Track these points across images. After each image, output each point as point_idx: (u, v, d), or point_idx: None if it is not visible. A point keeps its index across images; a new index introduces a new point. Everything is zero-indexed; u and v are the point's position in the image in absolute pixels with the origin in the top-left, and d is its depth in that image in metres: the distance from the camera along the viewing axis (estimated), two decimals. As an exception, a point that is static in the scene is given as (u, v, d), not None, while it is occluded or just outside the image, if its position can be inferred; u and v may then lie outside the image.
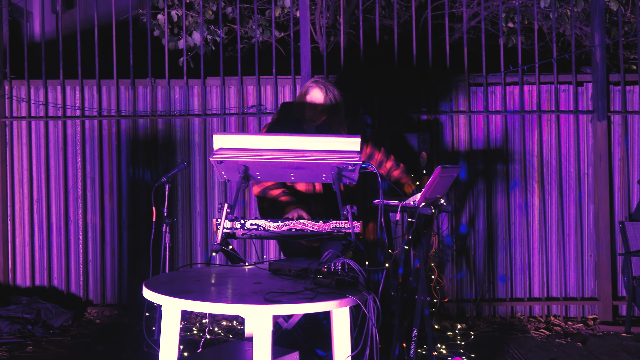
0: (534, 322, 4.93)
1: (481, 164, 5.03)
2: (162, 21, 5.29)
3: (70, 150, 5.10)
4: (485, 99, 4.99)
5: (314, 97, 3.58)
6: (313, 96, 3.58)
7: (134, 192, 5.08)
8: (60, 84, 5.08)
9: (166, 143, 5.07)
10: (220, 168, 3.01)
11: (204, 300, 2.41)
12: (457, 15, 5.77)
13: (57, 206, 5.10)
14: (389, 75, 5.02)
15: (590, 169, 5.03)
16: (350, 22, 5.90)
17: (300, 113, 3.61)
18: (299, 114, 3.61)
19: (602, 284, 4.95)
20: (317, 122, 3.60)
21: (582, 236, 5.05)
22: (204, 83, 5.03)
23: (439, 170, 3.27)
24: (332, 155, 2.94)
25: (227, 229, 2.99)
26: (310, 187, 3.57)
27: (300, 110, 3.61)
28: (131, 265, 5.07)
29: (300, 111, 3.61)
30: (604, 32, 4.91)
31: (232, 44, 5.78)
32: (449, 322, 4.81)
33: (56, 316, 4.75)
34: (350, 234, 2.97)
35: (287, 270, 2.85)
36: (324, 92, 3.57)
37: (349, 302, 2.49)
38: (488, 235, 5.03)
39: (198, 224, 5.08)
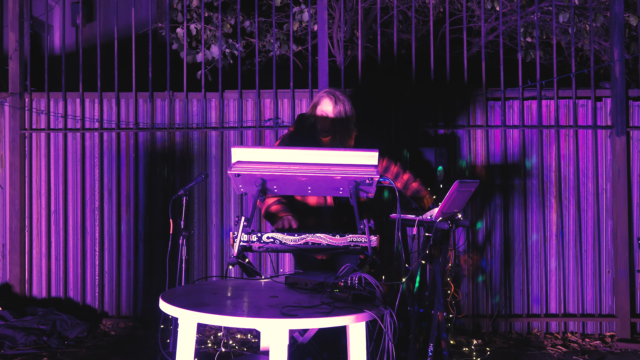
0: (551, 338, 4.88)
1: (498, 178, 5.00)
2: (181, 35, 5.33)
3: (88, 162, 5.14)
4: (503, 113, 4.97)
5: (324, 108, 3.56)
6: (323, 106, 3.56)
7: (150, 205, 5.10)
8: (79, 97, 5.13)
9: (183, 156, 5.09)
10: (237, 181, 3.02)
11: (220, 314, 2.40)
12: (475, 29, 5.77)
13: (74, 217, 5.13)
14: (406, 89, 5.01)
15: (608, 185, 4.99)
16: (368, 36, 5.92)
17: (312, 124, 3.61)
18: (311, 124, 3.61)
19: (620, 301, 4.89)
20: (328, 133, 3.57)
21: (600, 252, 4.99)
22: (221, 96, 5.06)
23: (457, 185, 3.25)
24: (349, 169, 2.94)
25: (244, 242, 2.98)
26: (321, 200, 3.56)
27: (311, 121, 3.61)
28: (147, 277, 5.09)
29: (311, 122, 3.61)
30: (623, 47, 4.88)
31: (249, 57, 5.83)
32: (464, 338, 4.77)
33: (71, 327, 4.77)
34: (367, 248, 2.96)
35: (304, 284, 2.84)
36: (333, 102, 3.54)
37: (366, 316, 2.48)
38: (505, 250, 4.99)
39: (214, 236, 5.09)
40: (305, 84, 5.09)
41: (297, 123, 3.71)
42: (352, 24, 5.90)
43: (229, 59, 5.60)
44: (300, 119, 3.71)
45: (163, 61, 5.27)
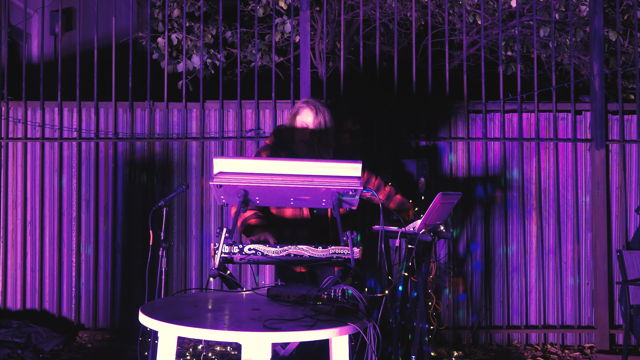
0: (531, 350, 4.89)
1: (479, 190, 5.02)
2: (162, 44, 5.29)
3: (66, 172, 5.06)
4: (484, 125, 4.99)
5: (304, 119, 3.47)
6: (303, 117, 3.47)
7: (129, 216, 5.03)
8: (57, 106, 5.06)
9: (163, 166, 5.04)
10: (219, 192, 2.98)
11: (202, 327, 2.36)
12: (456, 42, 5.81)
13: (51, 228, 5.05)
14: (388, 101, 5.02)
15: (588, 197, 5.03)
16: (349, 48, 5.92)
17: (290, 134, 3.52)
18: (289, 135, 3.53)
19: (599, 313, 4.91)
20: (307, 144, 3.49)
21: (580, 264, 5.03)
22: (202, 106, 5.02)
23: (440, 197, 3.25)
24: (332, 180, 2.91)
25: (225, 254, 2.94)
26: (297, 212, 3.50)
27: (290, 132, 3.52)
28: (124, 289, 5.01)
29: (290, 132, 3.52)
30: (603, 61, 4.94)
31: (230, 67, 5.80)
32: (445, 350, 4.76)
33: (47, 340, 4.68)
34: (350, 260, 2.93)
35: (286, 297, 2.81)
36: (314, 113, 3.46)
37: (350, 329, 2.45)
38: (485, 262, 5.00)
39: (193, 247, 5.03)
40: (287, 95, 5.08)
41: (275, 134, 3.65)
42: (334, 36, 5.91)
43: (210, 69, 5.56)
44: (278, 131, 3.65)
45: (143, 71, 5.22)
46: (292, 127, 3.52)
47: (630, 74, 5.36)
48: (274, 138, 3.63)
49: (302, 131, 3.49)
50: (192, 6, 5.78)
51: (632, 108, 5.07)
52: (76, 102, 5.04)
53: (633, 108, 5.07)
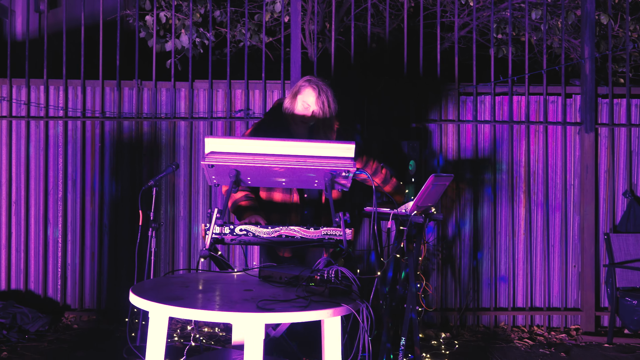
0: (518, 331, 4.92)
1: (469, 173, 5.02)
2: (150, 23, 5.20)
3: (52, 151, 4.99)
4: (475, 108, 4.98)
5: (306, 97, 3.37)
6: (305, 96, 3.37)
7: (116, 196, 4.98)
8: (43, 84, 4.97)
9: (151, 146, 4.98)
10: (210, 172, 2.95)
11: (194, 307, 2.34)
12: (447, 24, 5.77)
13: (37, 208, 4.98)
14: (379, 83, 4.99)
15: (576, 180, 5.05)
16: (339, 29, 5.87)
17: (290, 113, 3.43)
18: (289, 114, 3.44)
19: (586, 295, 4.95)
20: (307, 124, 3.43)
21: (567, 247, 5.06)
22: (191, 86, 4.96)
23: (432, 179, 3.24)
24: (326, 161, 2.89)
25: (216, 234, 2.92)
26: (287, 197, 3.46)
27: (290, 110, 3.43)
28: (111, 269, 4.97)
29: (290, 111, 3.43)
30: (594, 45, 4.94)
31: (219, 47, 5.73)
32: (433, 331, 4.78)
33: (32, 321, 4.64)
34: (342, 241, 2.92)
35: (278, 278, 2.79)
36: (316, 93, 3.36)
37: (344, 310, 2.44)
38: (474, 244, 5.01)
39: (181, 228, 5.00)
40: (277, 75, 5.02)
41: (272, 112, 3.59)
42: (324, 16, 5.85)
43: (200, 48, 5.49)
44: (276, 108, 3.60)
45: (131, 49, 5.14)
46: (292, 106, 3.42)
47: (620, 58, 5.37)
48: (270, 115, 3.57)
49: (303, 111, 3.40)
50: (181, -16, 5.69)
51: (622, 92, 5.08)
52: (62, 80, 4.96)
53: (622, 92, 5.08)
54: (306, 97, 3.37)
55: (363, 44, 5.32)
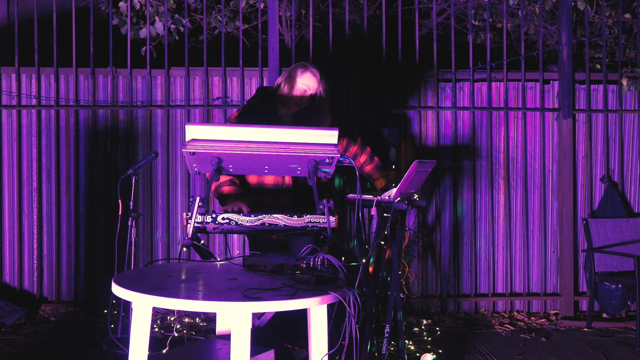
0: (498, 317, 4.95)
1: (448, 159, 5.02)
2: (124, 9, 5.10)
3: (25, 141, 4.88)
4: (454, 94, 4.98)
5: (306, 82, 3.45)
6: (305, 80, 3.45)
7: (92, 186, 4.89)
8: (15, 72, 4.85)
9: (127, 135, 4.89)
10: (192, 160, 2.90)
11: (179, 297, 2.30)
12: (424, 10, 5.75)
13: (10, 199, 4.87)
14: (358, 69, 4.95)
15: (554, 166, 5.08)
16: (315, 15, 5.81)
17: (287, 95, 3.45)
18: (285, 96, 3.45)
19: (565, 280, 5.00)
20: (300, 107, 3.48)
21: (546, 232, 5.09)
22: (167, 73, 4.88)
23: (416, 165, 3.22)
24: (308, 147, 2.85)
25: (198, 223, 2.87)
26: (279, 180, 3.47)
27: (287, 93, 3.45)
28: (88, 261, 4.89)
29: (287, 93, 3.45)
30: (571, 31, 4.95)
31: (194, 34, 5.63)
32: (414, 318, 4.79)
33: (8, 314, 4.55)
34: (326, 228, 2.90)
35: (263, 266, 2.76)
36: (317, 79, 3.46)
37: (331, 298, 2.42)
38: (454, 231, 5.03)
39: (160, 218, 4.93)
40: (254, 62, 4.97)
41: (257, 96, 3.57)
42: (300, 3, 5.79)
43: (175, 35, 5.40)
44: (262, 92, 3.58)
45: (104, 36, 5.03)
46: (291, 89, 3.45)
47: (597, 44, 5.40)
48: (258, 99, 3.54)
49: (302, 93, 3.46)
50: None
51: (599, 78, 5.12)
52: (35, 68, 4.84)
53: (599, 78, 5.11)
54: (307, 80, 3.46)
55: (340, 31, 5.27)
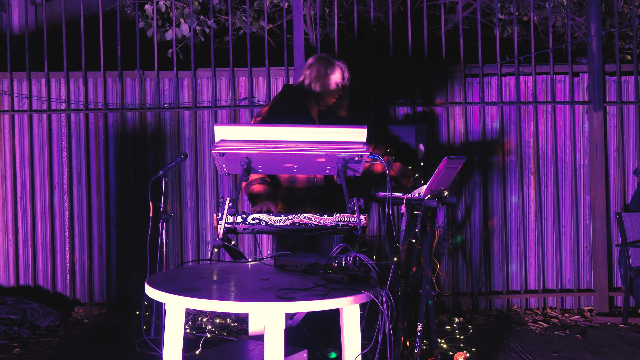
0: (531, 314, 4.89)
1: (477, 155, 4.98)
2: (150, 12, 5.14)
3: (56, 144, 4.94)
4: (481, 89, 4.93)
5: (337, 77, 3.52)
6: (336, 76, 3.51)
7: (122, 188, 4.93)
8: (44, 77, 4.91)
9: (155, 137, 4.93)
10: (221, 161, 2.91)
11: (212, 298, 2.32)
12: (449, 5, 5.71)
13: (42, 203, 4.94)
14: (383, 67, 4.93)
15: (586, 160, 5.00)
16: (339, 13, 5.80)
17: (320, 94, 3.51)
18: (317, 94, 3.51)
19: (599, 275, 4.92)
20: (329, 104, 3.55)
21: (578, 227, 5.02)
22: (194, 75, 4.90)
23: (446, 162, 3.19)
24: (338, 146, 2.85)
25: (229, 224, 2.88)
26: (311, 177, 3.47)
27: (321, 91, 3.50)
28: (119, 262, 4.93)
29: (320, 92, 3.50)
30: (600, 22, 4.87)
31: (219, 35, 5.65)
32: (446, 316, 4.75)
33: (43, 316, 4.60)
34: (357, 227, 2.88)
35: (294, 266, 2.76)
36: (347, 74, 3.54)
37: (364, 297, 2.42)
38: (484, 228, 4.97)
39: (189, 219, 4.95)
40: (280, 62, 4.97)
41: (286, 94, 3.58)
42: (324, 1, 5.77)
43: (200, 36, 5.43)
44: (290, 89, 3.60)
45: (131, 39, 5.07)
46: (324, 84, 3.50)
47: (627, 35, 5.31)
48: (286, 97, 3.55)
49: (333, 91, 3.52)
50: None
51: (630, 69, 5.03)
52: (64, 72, 4.89)
53: (630, 69, 5.02)
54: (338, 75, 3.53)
55: (365, 28, 5.25)
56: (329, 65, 3.51)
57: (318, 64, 3.53)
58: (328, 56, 3.57)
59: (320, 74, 3.49)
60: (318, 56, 3.58)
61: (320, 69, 3.50)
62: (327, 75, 3.49)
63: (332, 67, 3.50)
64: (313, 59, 3.56)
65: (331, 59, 3.54)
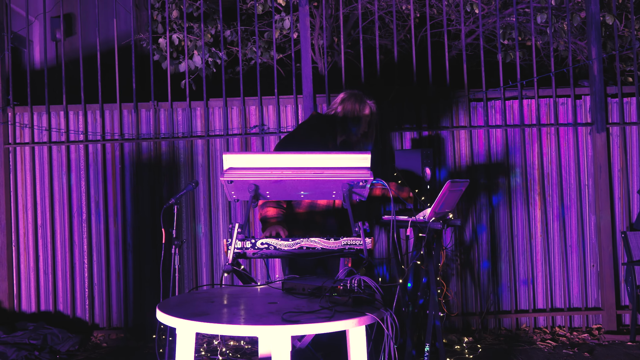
0: (540, 333, 4.95)
1: (483, 178, 5.08)
2: (163, 45, 5.33)
3: (74, 174, 5.12)
4: (486, 113, 5.05)
5: (367, 114, 3.74)
6: (366, 114, 3.73)
7: (138, 215, 5.09)
8: (63, 109, 5.11)
9: (170, 165, 5.09)
10: (230, 188, 3.02)
11: (220, 322, 2.38)
12: (453, 32, 5.85)
13: (62, 231, 5.11)
14: (389, 93, 5.07)
15: (590, 180, 5.09)
16: (347, 42, 5.96)
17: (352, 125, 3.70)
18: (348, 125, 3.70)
19: (606, 294, 4.98)
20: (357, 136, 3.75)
21: (584, 246, 5.09)
22: (206, 105, 5.07)
23: (449, 185, 3.30)
24: (342, 172, 2.95)
25: (238, 249, 2.98)
26: (330, 202, 3.61)
27: (352, 123, 3.71)
28: (137, 287, 5.07)
29: (352, 123, 3.71)
30: (601, 45, 4.99)
31: (231, 66, 5.84)
32: (455, 336, 4.82)
33: (63, 341, 4.74)
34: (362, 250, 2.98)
35: (301, 289, 2.83)
36: (374, 107, 3.76)
37: (368, 319, 2.47)
38: (491, 248, 5.06)
39: (203, 245, 5.09)
40: (289, 90, 5.13)
41: (315, 122, 3.78)
42: (332, 31, 5.95)
43: (212, 67, 5.61)
44: (320, 119, 3.80)
45: (145, 72, 5.26)
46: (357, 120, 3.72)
47: (628, 57, 5.41)
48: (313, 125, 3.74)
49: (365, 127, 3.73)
50: (191, 7, 5.82)
51: (631, 90, 5.12)
52: (81, 105, 5.09)
53: (632, 90, 5.12)
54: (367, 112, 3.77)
55: (372, 56, 5.41)
56: (362, 103, 3.73)
57: (353, 100, 3.75)
58: (361, 94, 3.79)
59: (355, 109, 3.71)
60: (351, 92, 3.80)
61: (355, 105, 3.72)
62: (359, 111, 3.71)
63: (363, 105, 3.73)
64: (347, 94, 3.78)
65: (364, 98, 3.77)
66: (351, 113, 3.69)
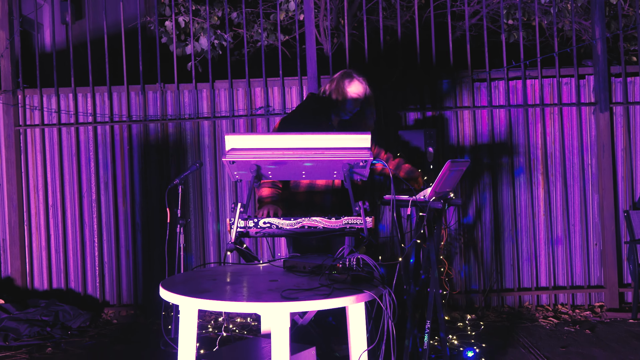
0: (542, 311, 5.01)
1: (486, 157, 5.12)
2: (170, 28, 5.38)
3: (84, 155, 5.21)
4: (489, 94, 5.07)
5: (355, 90, 3.73)
6: (354, 89, 3.73)
7: (146, 195, 5.18)
8: (71, 92, 5.19)
9: (177, 146, 5.17)
10: (232, 168, 3.07)
11: (221, 299, 2.42)
12: (457, 13, 5.85)
13: (72, 210, 5.21)
14: (393, 73, 5.10)
15: (593, 160, 5.11)
16: (352, 24, 5.98)
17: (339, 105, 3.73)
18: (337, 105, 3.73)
19: (608, 272, 5.03)
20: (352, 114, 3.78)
21: (587, 225, 5.13)
22: (212, 86, 5.13)
23: (449, 165, 3.34)
24: (343, 152, 2.99)
25: (241, 228, 3.03)
26: (329, 182, 3.66)
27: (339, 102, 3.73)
28: (146, 265, 5.18)
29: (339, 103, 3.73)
30: (604, 25, 4.98)
31: (237, 48, 5.88)
32: (458, 313, 4.89)
33: (74, 318, 4.86)
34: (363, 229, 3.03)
35: (302, 267, 2.88)
36: (364, 86, 3.75)
37: (366, 297, 2.51)
38: (495, 227, 5.11)
39: (210, 224, 5.18)
40: (294, 72, 5.17)
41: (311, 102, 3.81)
42: (337, 12, 5.96)
43: (218, 49, 5.66)
44: (315, 99, 3.83)
45: (152, 54, 5.32)
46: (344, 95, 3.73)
47: (632, 37, 5.40)
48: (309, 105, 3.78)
49: (353, 102, 3.73)
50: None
51: (635, 70, 5.12)
52: (90, 87, 5.17)
53: (635, 70, 5.12)
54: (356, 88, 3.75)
55: (376, 37, 5.43)
56: (348, 78, 3.75)
57: (339, 77, 3.78)
58: (351, 71, 3.81)
59: (339, 86, 3.74)
60: (343, 72, 3.82)
61: (340, 81, 3.76)
62: (345, 86, 3.73)
63: (350, 79, 3.74)
64: (339, 74, 3.82)
65: (352, 74, 3.79)
66: (341, 91, 3.72)
